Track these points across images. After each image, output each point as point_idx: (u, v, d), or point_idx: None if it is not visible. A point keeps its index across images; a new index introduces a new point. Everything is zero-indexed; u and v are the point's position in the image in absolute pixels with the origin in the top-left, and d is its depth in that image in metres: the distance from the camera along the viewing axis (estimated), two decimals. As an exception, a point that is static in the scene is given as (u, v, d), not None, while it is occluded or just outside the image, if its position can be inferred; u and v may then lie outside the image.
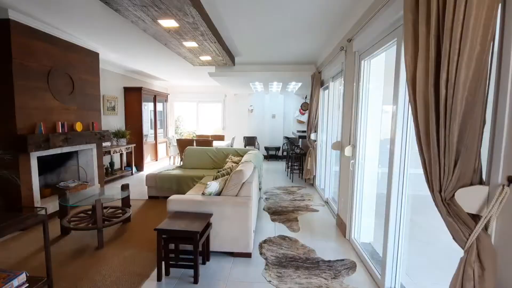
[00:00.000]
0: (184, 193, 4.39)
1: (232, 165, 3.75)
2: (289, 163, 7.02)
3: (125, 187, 3.52)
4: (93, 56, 4.49)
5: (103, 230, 2.90)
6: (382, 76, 2.83)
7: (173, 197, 2.80)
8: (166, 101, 8.55)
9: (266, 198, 4.75)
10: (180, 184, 4.50)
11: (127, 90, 6.83)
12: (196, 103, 9.61)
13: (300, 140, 7.14)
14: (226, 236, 2.71)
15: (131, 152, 6.47)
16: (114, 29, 3.74)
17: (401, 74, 2.01)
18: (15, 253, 2.76)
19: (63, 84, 3.87)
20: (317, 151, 5.34)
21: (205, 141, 6.62)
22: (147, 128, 7.51)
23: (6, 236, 3.13)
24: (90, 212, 3.30)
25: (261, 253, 2.83)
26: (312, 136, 5.36)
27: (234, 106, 9.45)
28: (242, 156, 4.77)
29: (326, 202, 4.57)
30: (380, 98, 2.87)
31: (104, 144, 5.52)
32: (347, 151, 3.06)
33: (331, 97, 4.53)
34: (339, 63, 3.77)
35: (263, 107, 9.20)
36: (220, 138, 8.39)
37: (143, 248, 2.89)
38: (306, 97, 7.59)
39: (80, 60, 4.18)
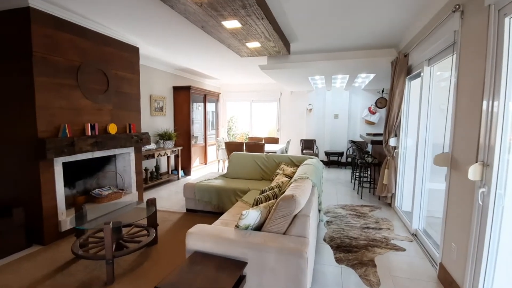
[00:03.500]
0: (225, 209, 3.63)
1: (282, 182, 2.79)
2: (357, 174, 5.73)
3: (150, 203, 2.88)
4: (132, 51, 4.05)
5: (113, 261, 2.26)
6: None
7: (195, 228, 1.99)
8: (217, 100, 8.05)
9: (327, 222, 3.66)
10: (221, 197, 3.74)
11: (176, 90, 6.46)
12: (249, 103, 8.92)
13: (371, 145, 5.77)
14: (266, 297, 1.79)
15: (178, 155, 6.05)
16: (152, 19, 3.25)
17: None
18: (22, 277, 2.32)
19: (96, 82, 3.46)
20: (398, 161, 4.01)
21: (256, 145, 5.81)
22: (198, 130, 7.09)
23: (24, 252, 2.77)
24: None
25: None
26: (391, 142, 4.05)
27: (290, 105, 8.46)
28: (298, 166, 3.78)
29: (415, 235, 3.26)
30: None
31: (148, 146, 5.16)
32: (473, 172, 1.82)
33: (426, 89, 3.20)
34: (445, 35, 2.49)
35: (323, 105, 7.98)
36: (274, 141, 7.50)
37: None
38: (382, 91, 6.15)
39: (116, 54, 3.76)
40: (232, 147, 6.03)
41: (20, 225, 2.80)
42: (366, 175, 5.52)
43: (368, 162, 4.89)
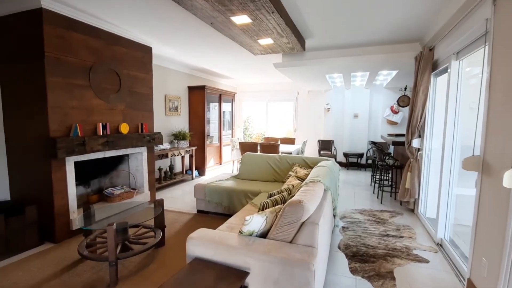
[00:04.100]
0: (235, 212, 3.53)
1: (293, 185, 2.64)
2: (377, 176, 5.43)
3: (158, 204, 2.83)
4: (145, 51, 4.05)
5: (116, 263, 2.22)
6: None
7: (196, 233, 1.89)
8: (233, 100, 7.98)
9: (343, 228, 3.45)
10: (232, 199, 3.64)
11: (191, 90, 6.46)
12: (265, 102, 8.78)
13: (393, 147, 5.44)
14: (270, 311, 1.65)
15: (192, 155, 6.04)
16: (164, 17, 3.24)
17: None
18: (30, 275, 2.33)
19: (108, 81, 3.48)
20: (422, 163, 3.71)
21: (270, 146, 5.66)
22: (213, 130, 7.06)
23: (36, 249, 2.81)
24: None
25: None
26: (415, 143, 3.76)
27: (307, 105, 8.23)
28: (312, 168, 3.60)
29: (440, 246, 2.98)
30: None
31: (162, 146, 5.17)
32: (509, 178, 1.58)
33: (453, 85, 2.91)
34: (475, 25, 2.23)
35: (342, 105, 7.68)
36: (290, 141, 7.31)
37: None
38: (405, 88, 5.78)
39: (128, 54, 3.76)
40: (246, 147, 5.92)
41: (33, 223, 2.85)
42: (387, 178, 5.21)
43: (389, 164, 4.60)
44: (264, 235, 1.90)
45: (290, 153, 5.63)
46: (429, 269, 2.53)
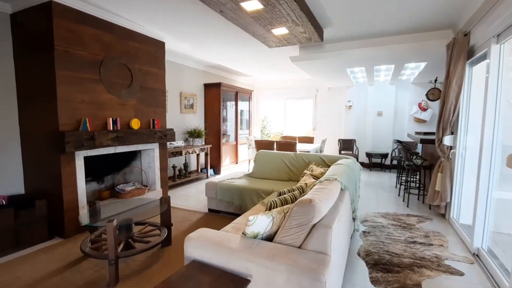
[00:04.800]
0: (247, 211, 3.35)
1: (306, 184, 2.41)
2: (403, 178, 5.03)
3: (164, 201, 2.71)
4: (158, 46, 3.99)
5: (117, 261, 2.11)
6: None
7: (196, 233, 1.72)
8: (250, 98, 7.82)
9: (364, 232, 3.15)
10: (243, 198, 3.46)
11: (207, 87, 6.37)
12: (283, 100, 8.53)
13: (421, 145, 5.00)
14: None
15: (207, 153, 5.94)
16: (177, 11, 3.17)
17: None
18: (35, 270, 2.29)
19: (119, 76, 3.43)
20: (455, 163, 3.32)
21: (287, 144, 5.43)
22: (230, 128, 6.95)
23: (45, 244, 2.79)
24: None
25: None
26: (446, 140, 3.37)
27: (327, 103, 7.88)
28: (329, 167, 3.34)
29: (477, 256, 2.61)
30: None
31: (176, 143, 5.11)
32: None
33: (493, 73, 2.53)
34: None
35: (365, 102, 7.27)
36: (309, 140, 7.02)
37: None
38: (435, 80, 5.30)
39: (141, 49, 3.71)
40: (262, 145, 5.73)
41: (42, 218, 2.83)
42: (414, 179, 4.79)
43: (417, 164, 4.20)
44: (271, 237, 1.70)
45: (308, 151, 5.36)
46: (464, 283, 2.20)
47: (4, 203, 2.92)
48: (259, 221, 1.64)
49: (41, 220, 2.82)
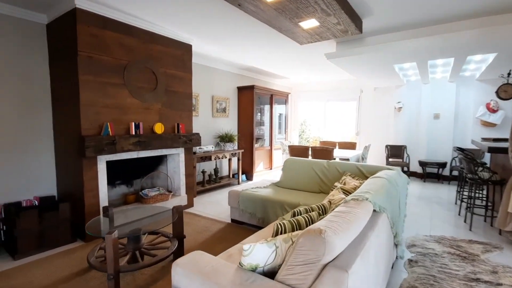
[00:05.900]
0: (268, 223, 3.04)
1: (330, 201, 2.00)
2: (465, 193, 4.19)
3: (175, 211, 2.53)
4: (184, 49, 3.90)
5: (118, 276, 1.96)
6: None
7: (185, 259, 1.46)
8: (286, 101, 7.46)
9: (410, 261, 2.58)
10: (266, 210, 3.14)
11: (240, 90, 6.21)
12: (324, 103, 7.97)
13: (489, 155, 4.10)
14: None
15: (239, 159, 5.74)
16: (203, 12, 3.07)
17: None
18: (46, 275, 2.28)
19: (143, 80, 3.40)
20: (539, 181, 2.55)
21: (323, 151, 4.95)
22: (266, 133, 6.68)
23: (67, 246, 2.83)
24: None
25: None
26: (526, 150, 2.62)
27: (373, 104, 7.12)
28: (367, 178, 2.84)
29: None
30: None
31: (206, 148, 5.00)
32: None
33: None
34: None
35: (418, 103, 6.37)
36: (350, 146, 6.38)
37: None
38: (508, 74, 4.33)
39: (166, 52, 3.65)
40: (296, 151, 5.33)
41: (65, 220, 2.88)
42: (480, 195, 3.94)
43: (483, 178, 3.41)
44: (274, 271, 1.36)
45: (348, 159, 4.81)
46: None
47: (37, 204, 3.05)
48: (256, 252, 1.31)
49: (64, 223, 2.87)
